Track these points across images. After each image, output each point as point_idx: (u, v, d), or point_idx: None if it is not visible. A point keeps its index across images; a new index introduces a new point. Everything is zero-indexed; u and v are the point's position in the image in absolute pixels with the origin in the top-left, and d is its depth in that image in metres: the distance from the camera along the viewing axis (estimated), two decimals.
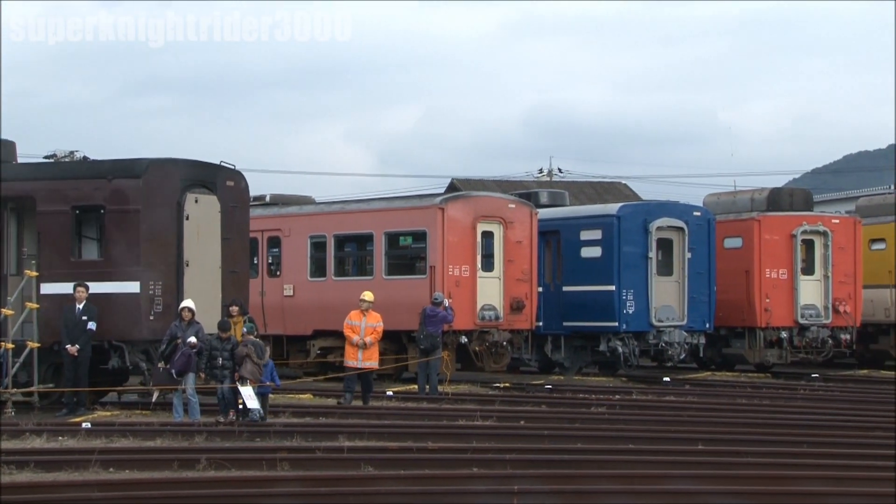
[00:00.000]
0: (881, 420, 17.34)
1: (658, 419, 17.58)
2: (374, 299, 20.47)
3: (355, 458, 13.25)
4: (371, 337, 20.17)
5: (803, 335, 27.26)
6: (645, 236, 25.72)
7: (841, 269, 27.47)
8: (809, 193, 29.79)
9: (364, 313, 20.31)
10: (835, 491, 11.46)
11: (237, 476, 12.52)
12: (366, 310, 20.31)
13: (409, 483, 11.97)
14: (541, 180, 54.31)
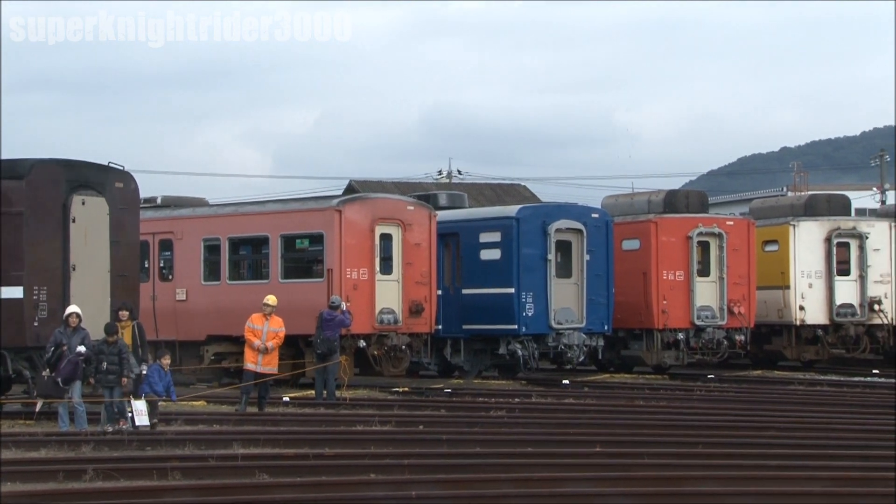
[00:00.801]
0: (774, 420, 17.58)
1: (557, 422, 17.55)
2: (277, 303, 20.20)
3: (250, 466, 12.92)
4: (273, 342, 19.87)
5: (699, 336, 27.58)
6: (544, 238, 25.76)
7: (735, 270, 27.87)
8: (705, 195, 30.22)
9: (267, 317, 19.98)
10: (729, 490, 11.51)
11: (126, 486, 12.09)
12: (269, 314, 19.99)
13: (305, 490, 11.72)
14: (440, 182, 54.28)
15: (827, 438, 15.35)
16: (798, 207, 30.28)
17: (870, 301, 28.78)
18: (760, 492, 11.45)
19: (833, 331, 28.97)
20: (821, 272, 28.97)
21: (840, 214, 29.87)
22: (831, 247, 28.99)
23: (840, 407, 20.12)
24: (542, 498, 11.43)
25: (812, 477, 12.03)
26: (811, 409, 19.84)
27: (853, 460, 13.27)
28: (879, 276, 28.94)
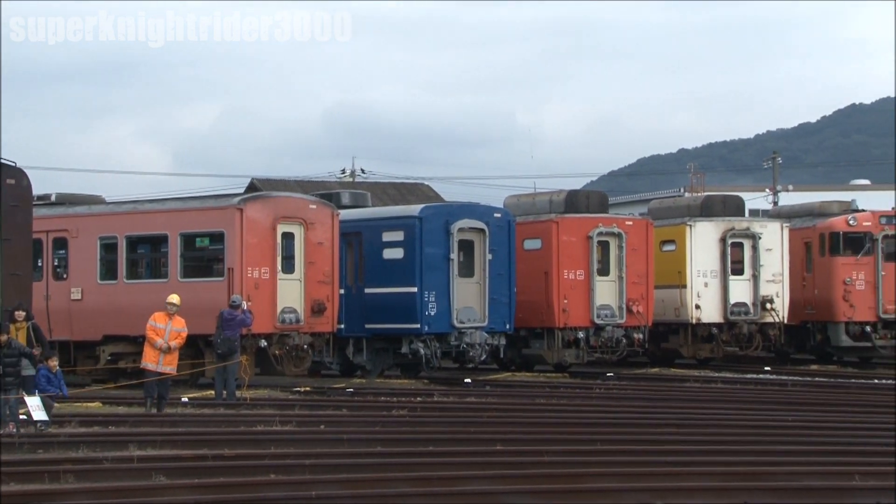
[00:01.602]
0: (671, 416, 17.92)
1: (458, 420, 17.63)
2: (180, 303, 19.95)
3: (146, 468, 12.70)
4: (176, 342, 19.65)
5: (599, 335, 27.94)
6: (446, 238, 25.83)
7: (634, 269, 28.29)
8: (605, 196, 30.63)
9: (170, 316, 19.72)
10: (626, 487, 11.69)
11: (17, 490, 11.78)
12: (172, 313, 19.74)
13: (203, 491, 11.57)
14: (343, 181, 54.07)
15: (720, 434, 15.70)
16: (694, 208, 30.89)
17: (762, 300, 29.47)
18: (656, 487, 11.66)
19: (727, 329, 29.62)
20: (716, 272, 29.59)
21: (734, 215, 30.55)
22: (726, 247, 29.63)
23: (733, 403, 20.59)
24: (443, 497, 11.48)
25: (705, 472, 12.30)
26: (706, 405, 20.27)
27: (744, 455, 13.60)
28: (772, 276, 29.66)
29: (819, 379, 26.68)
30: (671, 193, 63.16)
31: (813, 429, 16.39)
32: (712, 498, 11.32)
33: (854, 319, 30.14)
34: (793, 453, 13.87)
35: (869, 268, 30.22)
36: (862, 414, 18.74)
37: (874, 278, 30.09)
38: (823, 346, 31.27)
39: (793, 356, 32.23)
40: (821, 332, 31.08)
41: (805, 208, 33.62)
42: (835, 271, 30.37)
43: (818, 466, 12.73)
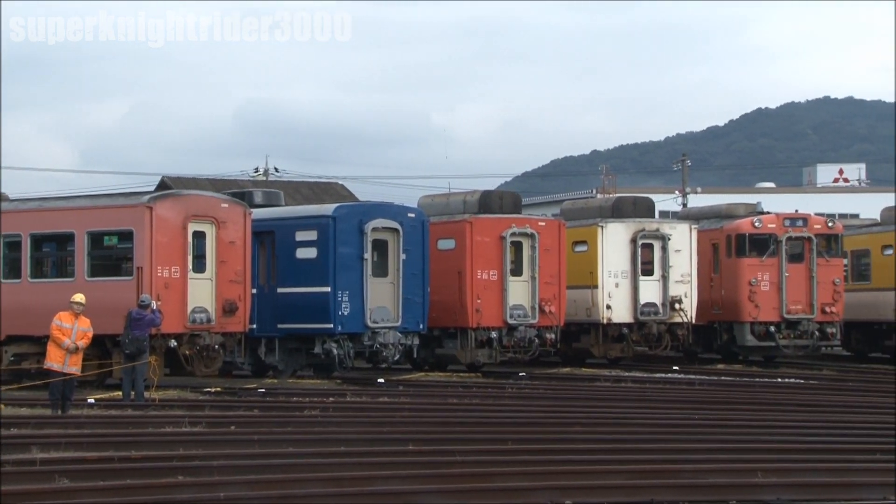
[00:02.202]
0: (581, 416, 18.12)
1: (371, 421, 17.59)
2: (85, 302, 19.59)
3: (49, 471, 12.43)
4: (83, 342, 19.32)
5: (512, 335, 28.10)
6: (360, 237, 25.76)
7: (547, 270, 28.51)
8: (518, 196, 30.81)
9: (76, 316, 19.36)
10: (536, 485, 11.79)
11: None
12: (78, 312, 19.38)
13: (108, 494, 11.38)
14: (256, 180, 53.60)
15: (629, 433, 15.91)
16: (606, 209, 31.25)
17: (671, 300, 29.93)
18: (565, 486, 11.78)
19: (637, 329, 30.02)
20: (627, 272, 29.97)
21: (645, 216, 30.97)
22: (636, 248, 30.03)
23: (642, 402, 20.89)
24: (353, 497, 11.44)
25: (613, 470, 12.47)
26: (616, 404, 20.52)
27: (651, 453, 13.81)
28: (680, 277, 30.13)
29: (725, 378, 27.19)
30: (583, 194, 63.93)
31: (718, 427, 16.71)
32: (620, 496, 11.47)
33: (759, 319, 30.76)
34: (699, 451, 14.12)
35: (773, 269, 30.88)
36: (766, 412, 19.14)
37: (778, 279, 30.75)
38: (730, 345, 31.86)
39: (700, 355, 32.80)
40: (727, 331, 31.66)
41: (713, 210, 34.25)
42: (741, 272, 30.98)
43: (723, 464, 12.98)
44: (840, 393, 23.20)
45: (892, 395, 22.73)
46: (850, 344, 33.95)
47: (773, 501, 11.22)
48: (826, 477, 12.27)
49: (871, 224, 35.87)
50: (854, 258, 33.59)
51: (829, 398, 21.89)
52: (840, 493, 11.48)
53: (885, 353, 33.06)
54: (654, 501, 11.31)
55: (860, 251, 33.53)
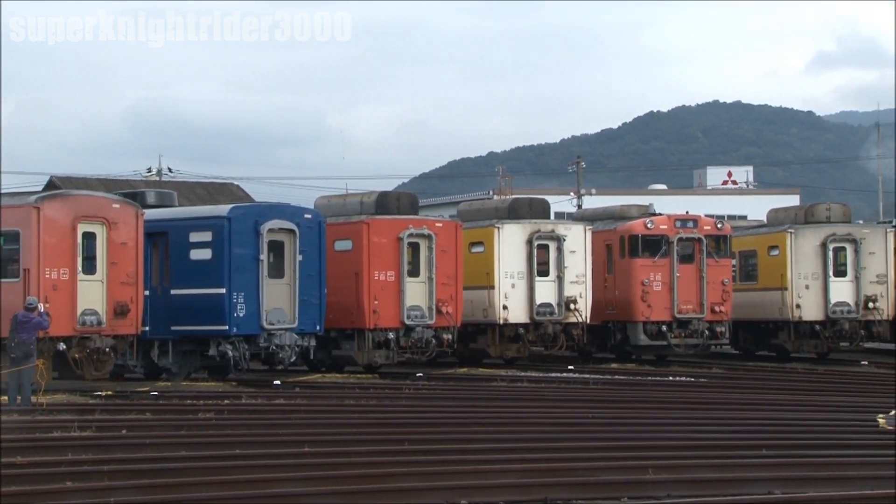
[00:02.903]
0: (478, 415, 18.23)
1: (266, 423, 17.44)
2: None
3: None
4: None
5: (409, 336, 28.13)
6: (256, 238, 25.51)
7: (444, 271, 28.60)
8: (415, 197, 30.86)
9: None
10: (432, 486, 11.83)
11: None
12: None
13: None
14: (149, 180, 52.70)
15: (525, 432, 16.07)
16: (502, 210, 31.50)
17: (566, 300, 30.30)
18: (461, 485, 11.84)
19: (533, 329, 30.31)
20: (523, 273, 30.24)
21: (540, 218, 31.29)
22: (532, 248, 30.33)
23: (538, 402, 21.13)
24: (248, 500, 11.34)
25: (508, 469, 12.58)
26: (512, 404, 20.70)
27: (546, 452, 13.97)
28: (575, 277, 30.51)
29: (619, 377, 27.64)
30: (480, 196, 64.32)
31: (612, 425, 16.98)
32: (515, 495, 11.58)
33: (651, 319, 31.33)
34: (592, 449, 14.34)
35: (665, 269, 31.49)
36: (658, 410, 19.53)
37: (670, 279, 31.37)
38: (623, 344, 32.40)
39: (595, 355, 33.27)
40: (621, 331, 32.18)
41: (607, 211, 34.79)
42: (633, 273, 31.52)
43: (615, 461, 13.20)
44: (729, 391, 23.78)
45: (779, 392, 23.40)
46: (738, 342, 34.83)
47: (664, 497, 11.45)
48: (714, 473, 12.57)
49: (759, 225, 36.86)
50: (742, 259, 34.45)
51: (718, 396, 22.42)
52: (727, 489, 11.77)
53: (772, 351, 34.00)
54: (548, 499, 11.45)
55: (748, 252, 34.41)
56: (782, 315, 32.36)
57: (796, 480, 12.10)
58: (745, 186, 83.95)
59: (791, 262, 32.14)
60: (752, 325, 33.91)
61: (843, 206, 33.95)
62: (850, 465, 13.07)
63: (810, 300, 31.95)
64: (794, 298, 31.97)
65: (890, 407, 18.93)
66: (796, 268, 32.10)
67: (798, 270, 32.08)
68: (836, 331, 31.91)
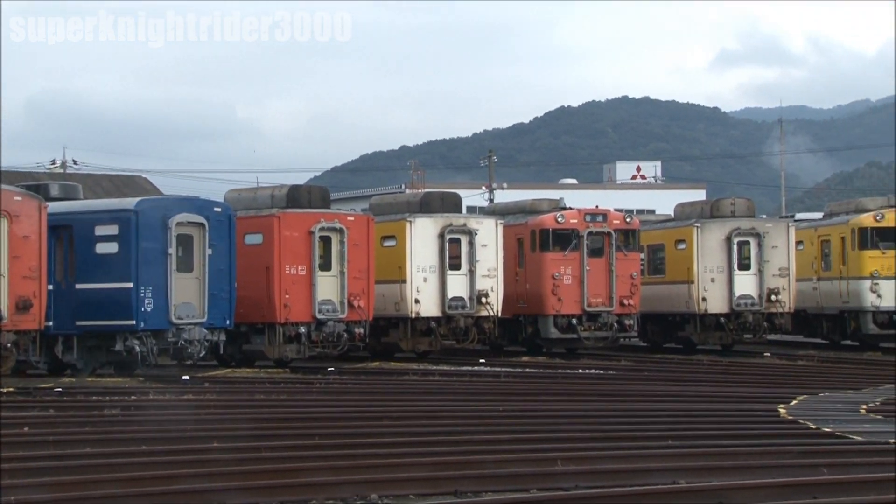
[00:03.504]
0: (389, 409, 18.22)
1: (174, 419, 17.20)
2: None
3: None
4: None
5: (321, 330, 28.00)
6: (164, 232, 25.14)
7: (356, 265, 28.51)
8: (327, 191, 30.71)
9: None
10: (342, 480, 11.79)
11: None
12: None
13: None
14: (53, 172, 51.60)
15: (435, 425, 16.11)
16: (414, 204, 31.51)
17: (478, 294, 30.44)
18: (372, 479, 11.83)
19: (445, 322, 30.39)
20: (435, 267, 30.31)
21: (452, 212, 31.38)
22: (444, 242, 30.40)
23: (449, 395, 21.20)
24: (154, 497, 11.17)
25: (419, 463, 12.61)
26: (424, 398, 20.75)
27: (456, 445, 14.03)
28: (487, 271, 30.68)
29: (529, 370, 27.87)
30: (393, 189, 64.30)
31: (522, 418, 17.12)
32: (425, 488, 11.61)
33: (562, 312, 31.63)
34: (502, 442, 14.44)
35: (575, 263, 31.82)
36: (567, 402, 19.74)
37: (580, 273, 31.71)
38: (534, 338, 32.66)
39: (506, 348, 33.51)
40: (532, 324, 32.43)
41: (518, 206, 35.03)
42: (544, 266, 31.79)
43: (524, 454, 13.31)
44: (637, 382, 24.14)
45: (685, 383, 23.83)
46: (647, 335, 35.38)
47: (572, 489, 11.58)
48: (621, 464, 12.75)
49: (666, 220, 37.46)
50: (650, 252, 34.99)
51: (626, 388, 22.74)
52: (634, 479, 11.95)
53: (679, 343, 34.61)
54: (457, 492, 11.50)
55: (656, 246, 34.96)
56: (689, 308, 32.94)
57: (700, 470, 12.33)
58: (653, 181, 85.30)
59: (697, 256, 32.73)
60: (660, 317, 34.47)
61: (747, 201, 34.67)
62: (753, 454, 13.36)
63: (716, 293, 32.57)
64: (700, 291, 32.56)
65: (791, 397, 19.43)
66: (702, 261, 32.70)
67: (704, 264, 32.68)
68: (740, 323, 32.57)
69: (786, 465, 12.47)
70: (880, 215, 33.37)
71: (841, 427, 15.37)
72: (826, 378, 24.22)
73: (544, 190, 60.27)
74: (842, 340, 35.05)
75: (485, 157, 67.52)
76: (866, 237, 33.22)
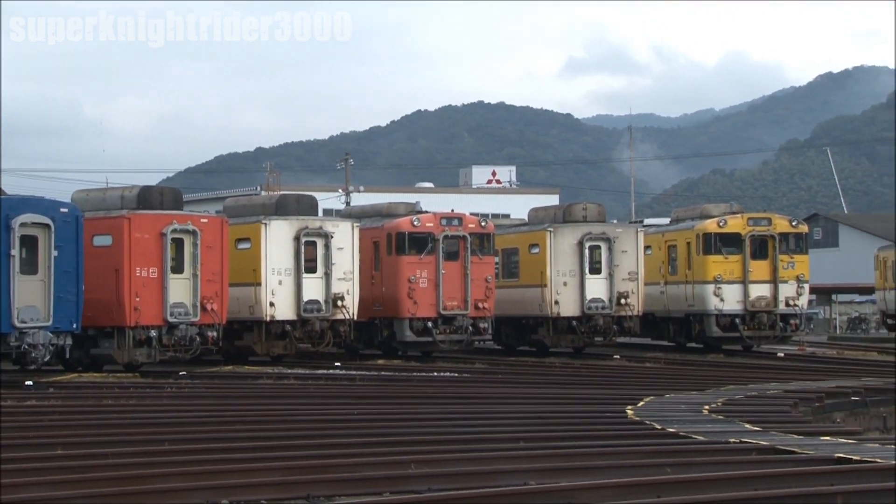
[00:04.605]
0: (243, 413, 18.02)
1: (17, 425, 16.60)
2: None
3: None
4: None
5: (173, 333, 27.48)
6: (7, 233, 24.25)
7: (209, 267, 28.07)
8: (179, 192, 30.15)
9: None
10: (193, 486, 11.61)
11: None
12: None
13: None
14: None
15: (289, 429, 16.02)
16: (269, 207, 31.23)
17: (334, 297, 30.35)
18: (223, 485, 11.68)
19: (301, 326, 30.21)
20: (290, 269, 30.09)
21: (308, 214, 31.23)
22: (300, 245, 30.21)
23: (304, 399, 21.09)
24: None
25: (271, 468, 12.50)
26: (277, 401, 20.57)
27: (310, 449, 13.98)
28: (343, 274, 30.61)
29: (385, 373, 27.93)
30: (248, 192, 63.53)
31: (377, 421, 17.16)
32: (277, 493, 11.53)
33: (417, 315, 31.81)
34: (356, 445, 14.45)
35: (431, 266, 32.04)
36: (422, 405, 19.86)
37: (436, 276, 31.94)
38: (390, 341, 32.75)
39: (362, 351, 33.49)
40: (388, 327, 32.52)
41: (375, 209, 35.08)
42: (400, 270, 31.91)
43: (378, 457, 13.35)
44: (491, 385, 24.45)
45: (538, 385, 24.26)
46: (501, 338, 35.87)
47: (425, 491, 11.66)
48: (474, 466, 12.90)
49: (521, 224, 38.08)
50: (505, 256, 35.50)
51: (480, 390, 23.01)
52: (486, 481, 12.10)
53: (532, 346, 35.19)
54: (310, 496, 11.46)
55: (510, 249, 35.49)
56: (542, 311, 33.53)
57: (550, 471, 12.58)
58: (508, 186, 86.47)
59: (550, 260, 33.35)
60: (514, 320, 34.99)
61: (598, 206, 35.51)
62: (601, 454, 13.70)
63: (568, 297, 33.24)
64: (553, 295, 33.19)
65: (638, 398, 19.99)
66: (555, 265, 33.34)
67: (557, 268, 33.32)
68: (591, 326, 33.32)
69: (632, 465, 12.83)
70: (723, 221, 34.63)
71: (685, 427, 15.88)
72: (672, 379, 25.00)
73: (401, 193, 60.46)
74: (687, 343, 36.23)
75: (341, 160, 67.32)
76: (710, 242, 34.43)
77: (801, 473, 12.21)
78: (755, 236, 34.31)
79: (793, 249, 34.52)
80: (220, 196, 57.96)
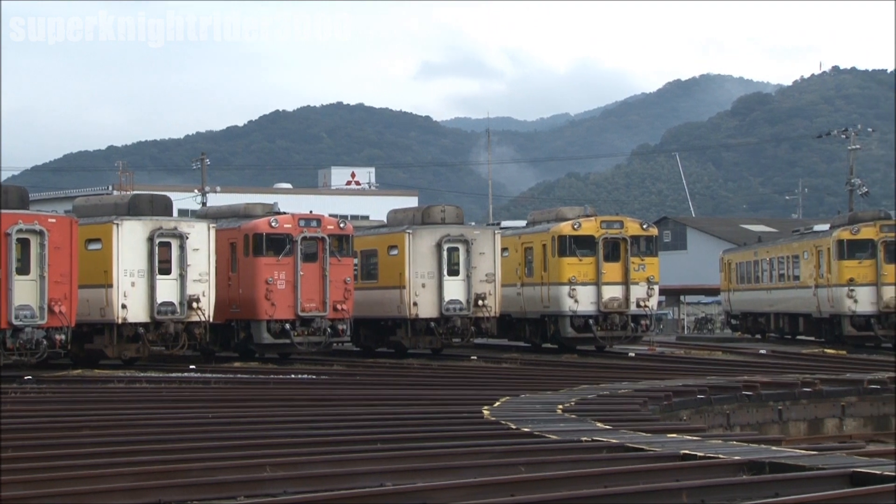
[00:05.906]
0: (91, 419, 17.50)
1: None
2: None
3: None
4: None
5: (18, 337, 26.54)
6: None
7: (57, 269, 27.22)
8: (25, 191, 29.16)
9: None
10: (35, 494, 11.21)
11: None
12: None
13: None
14: None
15: (139, 434, 15.60)
16: (122, 207, 30.46)
17: (189, 299, 29.77)
18: (71, 492, 11.29)
19: (154, 328, 29.56)
20: (143, 271, 29.41)
21: (162, 214, 30.57)
22: (154, 246, 29.54)
23: (156, 403, 20.59)
24: None
25: (121, 473, 12.17)
26: (128, 406, 20.02)
27: (162, 454, 13.65)
28: (198, 275, 30.05)
29: (241, 376, 27.52)
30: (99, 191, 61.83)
31: (231, 424, 16.87)
32: (126, 499, 11.20)
33: (275, 317, 31.49)
34: (209, 449, 14.18)
35: (289, 268, 31.76)
36: (279, 408, 19.63)
37: (294, 278, 31.67)
38: (247, 343, 32.32)
39: (218, 354, 32.97)
40: (245, 329, 32.10)
41: (232, 209, 34.59)
42: (258, 271, 31.54)
43: (233, 461, 13.12)
44: (349, 387, 24.35)
45: (396, 387, 24.28)
46: (360, 340, 35.78)
47: (280, 495, 11.52)
48: (330, 468, 12.81)
49: (380, 226, 38.07)
50: (363, 258, 35.44)
51: (338, 392, 22.89)
52: (342, 483, 12.03)
53: (391, 347, 35.22)
54: (161, 501, 11.19)
55: (369, 251, 35.44)
56: (400, 312, 33.60)
57: (407, 472, 12.57)
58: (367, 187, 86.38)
59: (409, 262, 33.44)
60: (373, 322, 34.97)
61: (456, 209, 35.78)
62: (456, 454, 13.77)
63: (426, 298, 33.40)
64: (412, 297, 33.29)
65: (495, 398, 20.19)
66: (414, 267, 33.45)
67: (415, 269, 33.44)
68: (449, 327, 33.55)
69: (487, 465, 12.93)
70: (578, 224, 35.32)
71: (539, 427, 16.09)
72: (527, 380, 25.34)
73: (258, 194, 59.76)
74: (543, 343, 36.81)
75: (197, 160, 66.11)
76: (565, 245, 35.08)
77: (649, 470, 12.51)
78: (608, 239, 35.09)
79: (643, 252, 35.43)
80: (70, 195, 56.25)
